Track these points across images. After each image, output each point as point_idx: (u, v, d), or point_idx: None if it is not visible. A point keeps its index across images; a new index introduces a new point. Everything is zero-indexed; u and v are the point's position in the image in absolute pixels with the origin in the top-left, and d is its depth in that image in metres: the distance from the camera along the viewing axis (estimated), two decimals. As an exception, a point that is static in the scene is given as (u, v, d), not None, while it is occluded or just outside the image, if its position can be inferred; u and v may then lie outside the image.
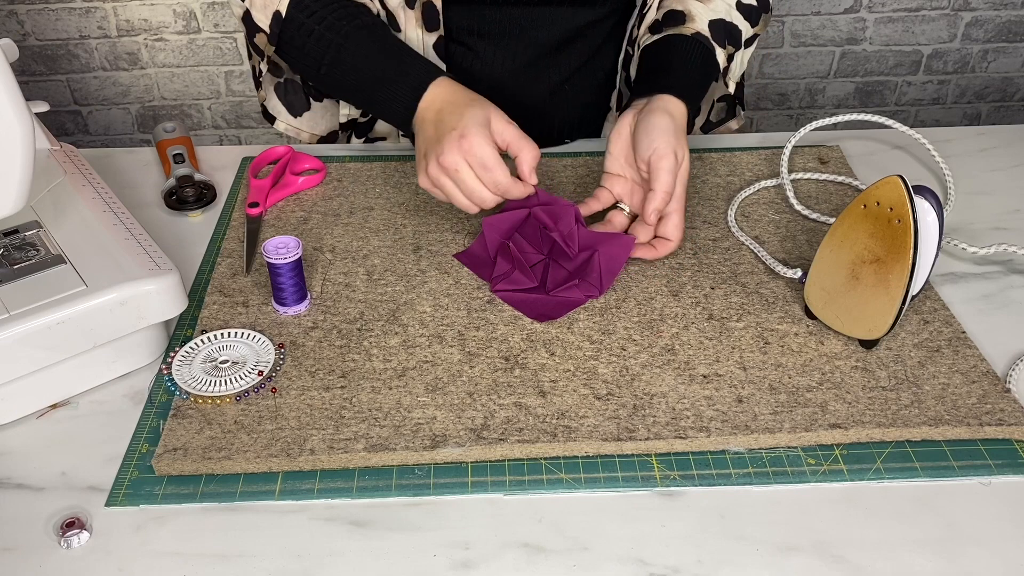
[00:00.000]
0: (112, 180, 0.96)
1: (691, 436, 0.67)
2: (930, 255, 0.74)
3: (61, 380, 0.70)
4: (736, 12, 0.92)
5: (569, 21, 0.97)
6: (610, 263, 0.79)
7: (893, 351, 0.74)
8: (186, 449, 0.66)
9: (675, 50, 0.88)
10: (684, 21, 0.89)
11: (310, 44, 0.87)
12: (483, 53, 0.98)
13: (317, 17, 0.87)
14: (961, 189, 0.95)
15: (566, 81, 1.01)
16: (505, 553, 0.61)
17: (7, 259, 0.73)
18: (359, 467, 0.66)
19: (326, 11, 0.87)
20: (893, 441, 0.68)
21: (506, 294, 0.79)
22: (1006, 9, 2.23)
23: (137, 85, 2.23)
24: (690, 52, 0.87)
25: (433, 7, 0.91)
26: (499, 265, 0.80)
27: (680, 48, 0.88)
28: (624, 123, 0.83)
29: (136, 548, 0.61)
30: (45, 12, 2.11)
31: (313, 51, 0.88)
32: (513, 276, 0.79)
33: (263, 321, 0.77)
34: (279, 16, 0.88)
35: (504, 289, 0.79)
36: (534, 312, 0.77)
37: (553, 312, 0.77)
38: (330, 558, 0.60)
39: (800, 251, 0.85)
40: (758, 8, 0.94)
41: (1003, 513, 0.63)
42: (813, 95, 2.35)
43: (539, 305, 0.78)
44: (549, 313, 0.77)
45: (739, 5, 0.92)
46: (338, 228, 0.88)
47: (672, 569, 0.60)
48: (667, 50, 0.88)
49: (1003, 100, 2.41)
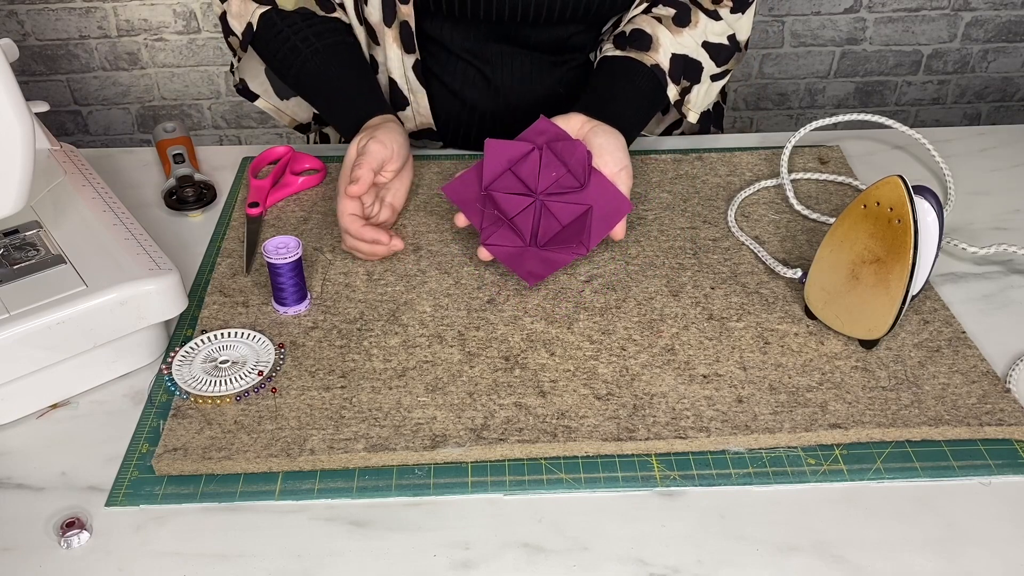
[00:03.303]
0: (112, 180, 0.96)
1: (691, 436, 0.67)
2: (930, 255, 0.74)
3: (61, 380, 0.70)
4: (703, 50, 0.93)
5: (564, 31, 0.97)
6: (601, 224, 0.80)
7: (893, 351, 0.74)
8: (186, 449, 0.66)
9: (630, 80, 0.90)
10: (648, 47, 0.91)
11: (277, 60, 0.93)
12: (480, 65, 0.98)
13: (282, 37, 0.91)
14: (961, 189, 0.95)
15: (559, 84, 1.01)
16: (505, 553, 0.61)
17: (7, 259, 0.73)
18: (359, 467, 0.66)
19: (291, 31, 0.91)
20: (893, 441, 0.68)
21: (495, 249, 0.79)
22: (1006, 9, 2.23)
23: (137, 85, 2.23)
24: (643, 86, 0.90)
25: (409, 29, 0.92)
26: (487, 215, 0.80)
27: (635, 78, 0.90)
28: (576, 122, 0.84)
29: (136, 548, 0.61)
30: (45, 12, 2.11)
31: (280, 65, 0.93)
32: (502, 232, 0.79)
33: (263, 321, 0.77)
34: (251, 27, 0.93)
35: (494, 244, 0.79)
36: (523, 270, 0.78)
37: (541, 270, 0.78)
38: (330, 558, 0.60)
39: (800, 251, 0.85)
40: (729, 48, 0.95)
41: (1003, 513, 0.63)
42: (813, 95, 2.35)
43: (527, 262, 0.79)
44: (537, 271, 0.78)
45: (707, 44, 0.93)
46: (338, 228, 0.88)
47: (672, 569, 0.60)
48: (623, 75, 0.90)
49: (1003, 100, 2.41)
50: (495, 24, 0.94)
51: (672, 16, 0.92)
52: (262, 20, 0.92)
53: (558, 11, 0.91)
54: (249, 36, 0.93)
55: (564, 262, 0.79)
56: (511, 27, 0.94)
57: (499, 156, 0.81)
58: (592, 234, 0.79)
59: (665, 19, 0.92)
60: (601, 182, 0.80)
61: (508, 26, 0.94)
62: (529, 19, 0.92)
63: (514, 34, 0.95)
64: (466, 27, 0.95)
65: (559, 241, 0.79)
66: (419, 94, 0.98)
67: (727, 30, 0.94)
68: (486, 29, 0.95)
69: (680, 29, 0.92)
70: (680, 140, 1.05)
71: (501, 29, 0.95)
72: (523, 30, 0.95)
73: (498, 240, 0.79)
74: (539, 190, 0.80)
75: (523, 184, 0.80)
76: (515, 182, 0.81)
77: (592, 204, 0.80)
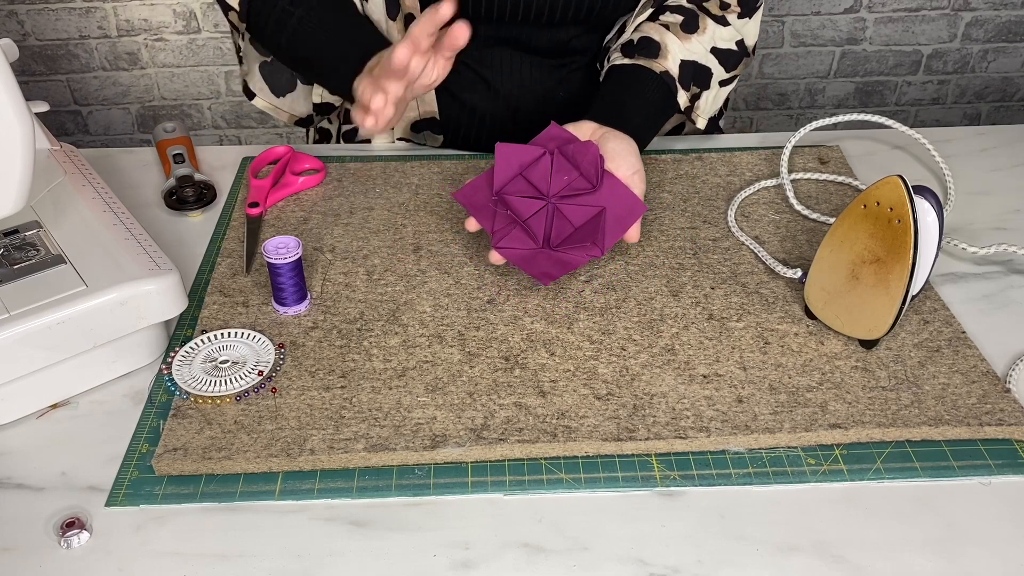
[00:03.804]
0: (112, 180, 0.96)
1: (691, 436, 0.67)
2: (930, 255, 0.74)
3: (61, 380, 0.70)
4: (712, 56, 0.93)
5: (565, 33, 0.97)
6: (615, 225, 0.78)
7: (893, 351, 0.74)
8: (186, 449, 0.66)
9: (640, 87, 0.90)
10: (657, 55, 0.90)
11: (274, 17, 0.90)
12: (480, 68, 0.98)
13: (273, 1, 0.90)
14: (961, 189, 0.95)
15: (559, 86, 1.01)
16: (505, 553, 0.61)
17: (7, 259, 0.73)
18: (359, 467, 0.66)
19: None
20: (893, 441, 0.68)
21: (507, 252, 0.78)
22: (1006, 9, 2.23)
23: (137, 85, 2.23)
24: (653, 93, 0.90)
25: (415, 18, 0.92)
26: (499, 218, 0.79)
27: (645, 86, 0.90)
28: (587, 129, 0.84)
29: (136, 548, 0.61)
30: (45, 12, 2.11)
31: (276, 25, 0.91)
32: (514, 233, 0.78)
33: (263, 321, 0.77)
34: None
35: (506, 247, 0.78)
36: (536, 271, 0.77)
37: (555, 270, 0.77)
38: (330, 558, 0.60)
39: (800, 251, 0.85)
40: (738, 53, 0.95)
41: (1003, 513, 0.63)
42: (813, 95, 2.35)
43: (540, 262, 0.77)
44: (551, 271, 0.77)
45: (715, 50, 0.93)
46: (338, 228, 0.88)
47: (672, 569, 0.60)
48: (633, 83, 0.90)
49: (1003, 100, 2.41)
50: (496, 25, 0.94)
51: (680, 23, 0.92)
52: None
53: (560, 12, 0.91)
54: (246, 4, 0.93)
55: (579, 263, 0.77)
56: (512, 29, 0.94)
57: (510, 160, 0.80)
58: (607, 236, 0.78)
59: (673, 26, 0.92)
60: (614, 184, 0.79)
61: (509, 28, 0.94)
62: (530, 20, 0.92)
63: (515, 36, 0.95)
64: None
65: (573, 242, 0.78)
66: None
67: (735, 35, 0.94)
68: (486, 31, 0.95)
69: (688, 35, 0.92)
70: (680, 140, 1.05)
71: (502, 31, 0.95)
72: (524, 32, 0.95)
73: (510, 243, 0.78)
74: (551, 193, 0.79)
75: (534, 188, 0.79)
76: (527, 186, 0.79)
77: (605, 206, 0.79)
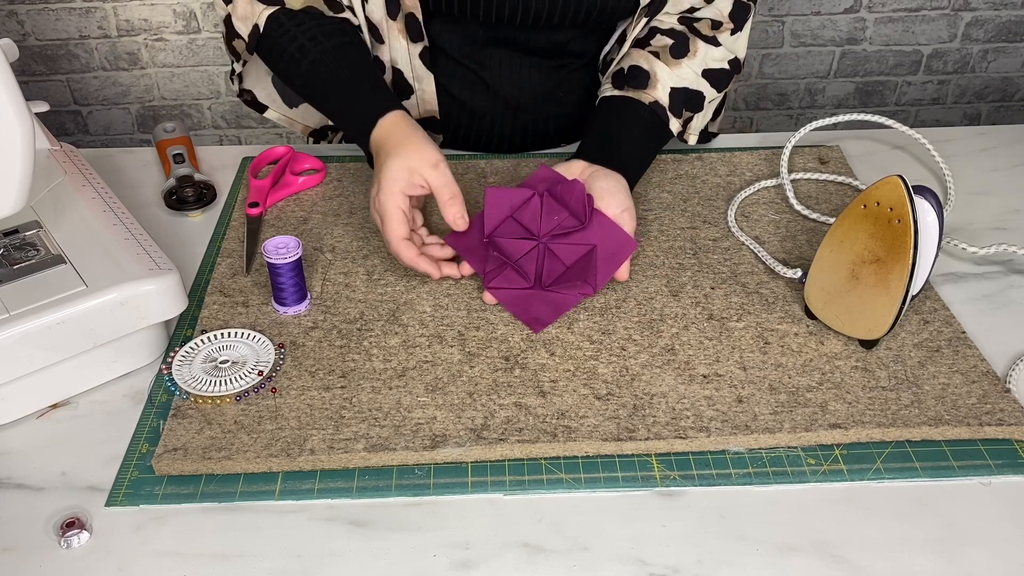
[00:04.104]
0: (112, 180, 0.96)
1: (691, 436, 0.67)
2: (930, 255, 0.74)
3: (61, 380, 0.70)
4: (703, 80, 0.93)
5: (563, 35, 0.97)
6: (607, 262, 0.79)
7: (893, 351, 0.74)
8: (186, 449, 0.66)
9: (629, 119, 0.90)
10: (646, 85, 0.90)
11: (288, 52, 0.89)
12: (478, 69, 0.98)
13: (290, 36, 0.88)
14: (961, 189, 0.95)
15: (558, 87, 1.01)
16: (505, 553, 0.61)
17: (7, 259, 0.73)
18: (359, 467, 0.66)
19: (299, 30, 0.88)
20: (893, 441, 0.68)
21: (500, 292, 0.78)
22: (1006, 9, 2.23)
23: (137, 85, 2.23)
24: (643, 126, 0.90)
25: (416, 19, 0.92)
26: (491, 260, 0.80)
27: (635, 118, 0.90)
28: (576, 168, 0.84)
29: (136, 548, 0.61)
30: (45, 12, 2.11)
31: (287, 66, 0.90)
32: (506, 274, 0.79)
33: (263, 321, 0.77)
34: (257, 29, 0.90)
35: (498, 287, 0.78)
36: (528, 316, 0.77)
37: (547, 315, 0.77)
38: (330, 558, 0.60)
39: (800, 251, 0.85)
40: (729, 72, 0.95)
41: (1003, 513, 0.63)
42: (813, 95, 2.35)
43: (533, 306, 0.77)
44: (543, 317, 0.77)
45: (707, 72, 0.93)
46: (338, 228, 0.88)
47: (672, 569, 0.60)
48: (622, 115, 0.90)
49: (1003, 100, 2.41)
50: (493, 27, 0.93)
51: (669, 47, 0.91)
52: (269, 21, 0.89)
53: (557, 16, 0.91)
54: (255, 39, 0.91)
55: (571, 304, 0.78)
56: (509, 30, 0.94)
57: (500, 204, 0.81)
58: (599, 273, 0.78)
59: (663, 52, 0.91)
60: (604, 222, 0.80)
61: (507, 29, 0.94)
62: (528, 22, 0.91)
63: (512, 38, 0.95)
64: (464, 30, 0.95)
65: (564, 281, 0.78)
66: (425, 80, 0.97)
67: (727, 54, 0.94)
68: (484, 32, 0.95)
69: (678, 60, 0.91)
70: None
71: (500, 32, 0.95)
72: (521, 34, 0.95)
73: (502, 282, 0.78)
74: (542, 234, 0.80)
75: (525, 230, 0.80)
76: (517, 228, 0.80)
77: (596, 243, 0.79)
